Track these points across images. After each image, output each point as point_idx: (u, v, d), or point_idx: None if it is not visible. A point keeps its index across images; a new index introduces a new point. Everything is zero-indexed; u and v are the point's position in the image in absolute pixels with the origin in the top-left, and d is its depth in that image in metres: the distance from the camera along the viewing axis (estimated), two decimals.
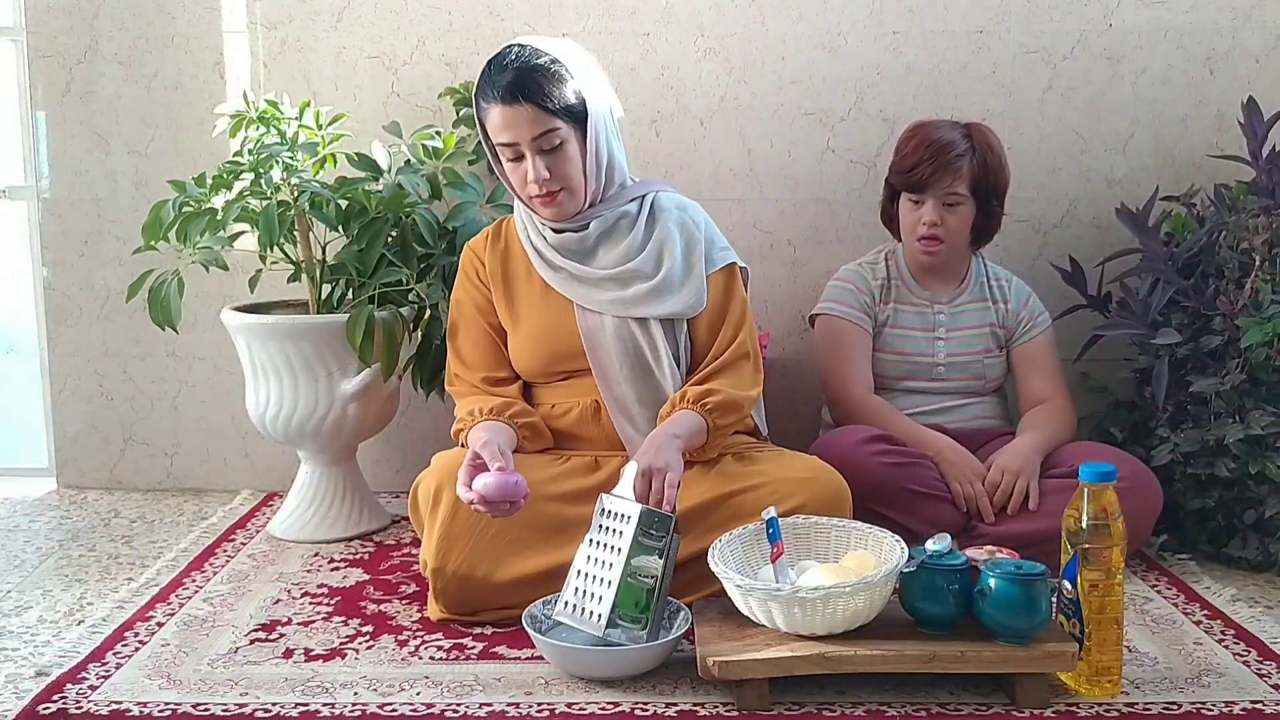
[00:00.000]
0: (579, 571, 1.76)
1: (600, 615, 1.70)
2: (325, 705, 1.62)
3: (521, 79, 1.91)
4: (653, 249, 2.04)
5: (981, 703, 1.63)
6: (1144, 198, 2.44)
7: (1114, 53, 2.57)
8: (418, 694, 1.66)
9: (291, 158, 2.25)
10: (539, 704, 1.63)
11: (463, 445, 1.99)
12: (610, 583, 1.72)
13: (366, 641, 1.85)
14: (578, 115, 1.95)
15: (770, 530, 1.75)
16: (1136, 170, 2.60)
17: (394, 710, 1.61)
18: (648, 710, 1.61)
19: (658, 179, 2.19)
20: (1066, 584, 1.65)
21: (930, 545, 1.67)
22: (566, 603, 1.75)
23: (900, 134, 2.34)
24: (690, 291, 2.04)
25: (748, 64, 2.59)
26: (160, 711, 1.61)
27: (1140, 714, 1.61)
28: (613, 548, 1.74)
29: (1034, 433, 2.25)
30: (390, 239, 2.33)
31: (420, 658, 1.79)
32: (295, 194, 2.25)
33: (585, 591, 1.74)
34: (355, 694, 1.66)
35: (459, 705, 1.62)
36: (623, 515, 1.75)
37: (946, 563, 1.65)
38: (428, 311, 2.35)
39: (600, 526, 1.77)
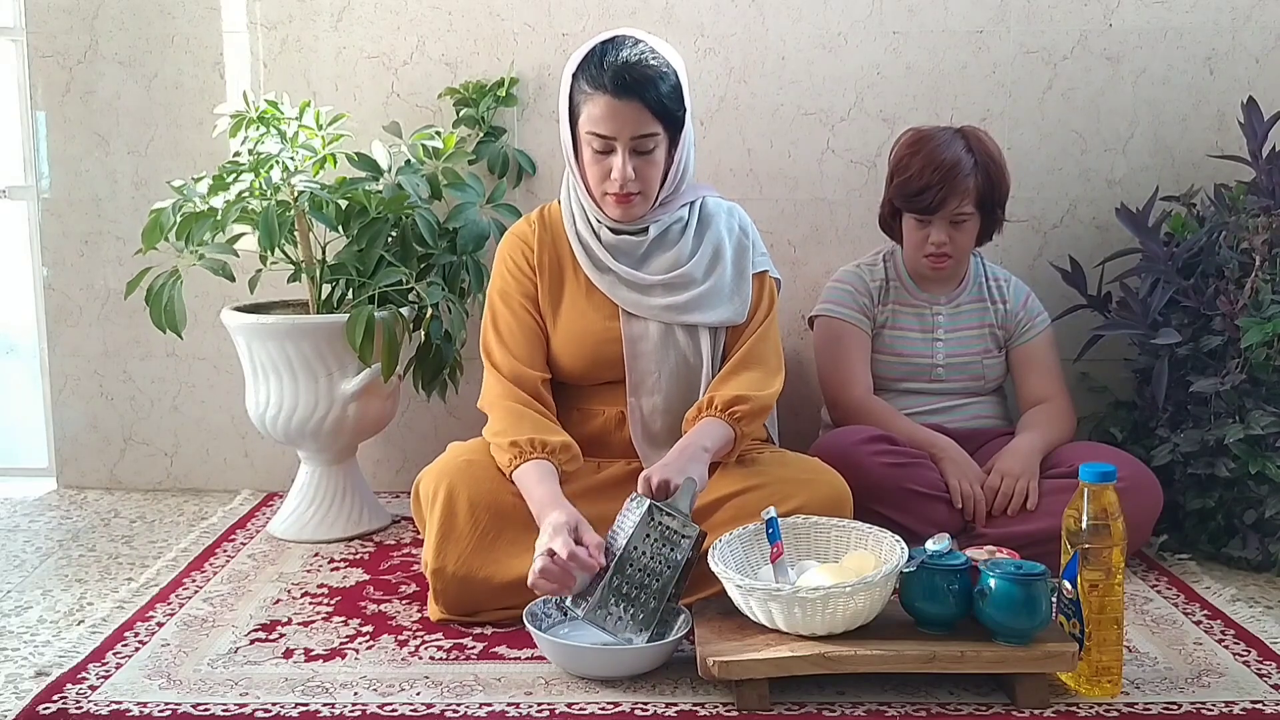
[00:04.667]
0: (612, 575, 1.72)
1: (642, 626, 1.71)
2: (325, 705, 1.62)
3: (640, 77, 1.87)
4: (704, 254, 2.02)
5: (981, 703, 1.63)
6: (1144, 198, 2.44)
7: (1114, 53, 2.57)
8: (418, 694, 1.66)
9: (291, 158, 2.25)
10: (539, 704, 1.63)
11: (509, 464, 1.91)
12: (654, 596, 1.72)
13: (366, 641, 1.84)
14: (676, 125, 1.93)
15: (770, 530, 1.75)
16: (1136, 170, 2.60)
17: (394, 710, 1.61)
18: (648, 710, 1.61)
19: (703, 182, 2.16)
20: (1066, 584, 1.65)
21: (930, 545, 1.67)
22: (587, 602, 1.71)
23: (898, 139, 2.33)
24: (740, 298, 2.03)
25: (748, 64, 2.59)
26: (160, 711, 1.61)
27: (1140, 714, 1.61)
28: (662, 561, 1.73)
29: (1034, 433, 2.25)
30: (390, 239, 2.33)
31: (420, 658, 1.78)
32: (295, 194, 2.25)
33: (620, 597, 1.72)
34: (355, 694, 1.66)
35: (459, 705, 1.62)
36: (679, 534, 1.75)
37: (946, 563, 1.65)
38: (428, 311, 2.35)
39: (648, 536, 1.74)
